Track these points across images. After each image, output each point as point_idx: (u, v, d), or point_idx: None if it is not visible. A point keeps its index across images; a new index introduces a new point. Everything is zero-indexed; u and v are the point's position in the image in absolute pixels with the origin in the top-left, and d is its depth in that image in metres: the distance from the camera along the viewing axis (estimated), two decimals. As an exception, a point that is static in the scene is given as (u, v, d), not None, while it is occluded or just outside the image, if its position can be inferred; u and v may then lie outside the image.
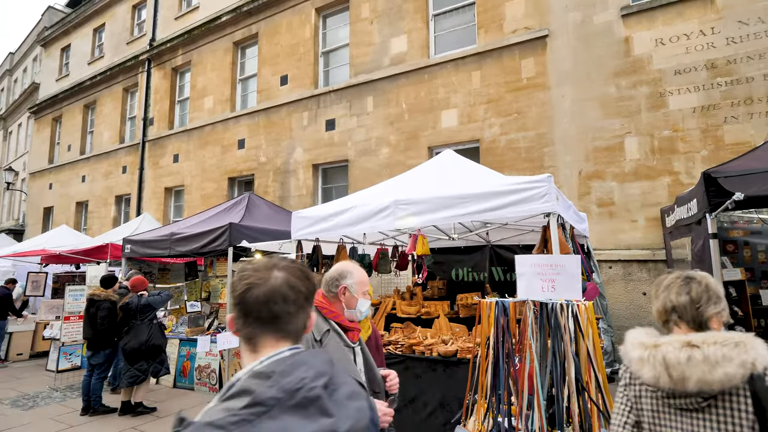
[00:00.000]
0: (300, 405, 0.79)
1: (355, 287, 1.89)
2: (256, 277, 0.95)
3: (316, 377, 0.84)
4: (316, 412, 0.79)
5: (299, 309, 0.97)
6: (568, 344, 1.63)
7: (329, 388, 0.84)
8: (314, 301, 1.43)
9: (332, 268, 1.97)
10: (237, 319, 0.95)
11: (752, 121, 5.64)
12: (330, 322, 1.84)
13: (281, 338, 0.94)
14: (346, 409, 0.83)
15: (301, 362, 0.87)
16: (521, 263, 2.06)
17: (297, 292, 0.96)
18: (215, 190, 10.65)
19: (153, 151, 12.33)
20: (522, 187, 3.39)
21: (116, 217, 13.22)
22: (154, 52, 12.66)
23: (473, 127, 7.46)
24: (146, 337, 5.00)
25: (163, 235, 6.37)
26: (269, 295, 0.93)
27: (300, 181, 9.30)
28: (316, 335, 1.75)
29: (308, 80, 9.49)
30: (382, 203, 4.10)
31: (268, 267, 0.97)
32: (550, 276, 1.90)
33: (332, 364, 0.91)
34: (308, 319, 1.01)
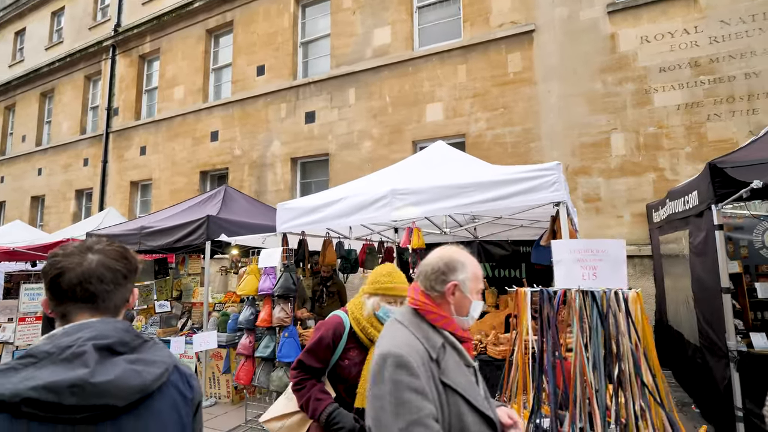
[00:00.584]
0: (67, 359, 0.89)
1: (468, 284, 1.34)
2: (67, 262, 0.99)
3: (92, 338, 0.93)
4: (79, 364, 0.88)
5: (117, 286, 1.03)
6: (627, 337, 1.46)
7: (115, 348, 0.94)
8: (414, 301, 1.33)
9: (433, 255, 1.41)
10: (51, 300, 1.00)
11: (734, 119, 5.76)
12: (443, 333, 1.31)
13: (97, 314, 1.00)
14: (117, 366, 0.92)
15: (87, 326, 0.96)
16: (559, 249, 1.89)
17: (114, 272, 1.02)
18: (186, 185, 10.09)
19: (118, 142, 11.59)
20: (530, 176, 3.25)
21: (76, 212, 12.35)
22: (120, 38, 11.91)
23: (459, 121, 7.34)
24: None
25: (131, 229, 5.89)
26: (83, 277, 0.98)
27: (278, 175, 8.92)
28: (431, 353, 1.22)
29: (287, 71, 9.12)
30: (377, 193, 3.87)
31: (81, 251, 1.02)
32: (591, 262, 1.73)
33: (126, 331, 0.99)
34: (130, 294, 1.09)
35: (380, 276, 2.00)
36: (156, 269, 7.61)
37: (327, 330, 1.96)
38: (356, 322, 1.97)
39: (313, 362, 1.93)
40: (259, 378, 4.07)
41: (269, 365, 4.10)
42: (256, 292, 4.32)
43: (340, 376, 1.94)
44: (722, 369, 3.32)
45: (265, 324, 4.10)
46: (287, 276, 4.10)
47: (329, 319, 2.04)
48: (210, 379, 5.18)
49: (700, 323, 3.76)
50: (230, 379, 5.13)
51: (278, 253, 4.19)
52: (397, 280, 1.99)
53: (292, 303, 4.18)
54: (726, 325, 3.20)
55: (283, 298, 4.10)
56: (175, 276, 7.58)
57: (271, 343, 4.08)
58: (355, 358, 1.94)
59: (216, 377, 5.18)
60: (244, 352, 4.26)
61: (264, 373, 4.07)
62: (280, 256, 4.19)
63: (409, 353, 1.18)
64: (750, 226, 5.36)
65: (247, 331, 4.36)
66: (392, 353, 1.18)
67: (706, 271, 3.58)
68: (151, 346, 1.03)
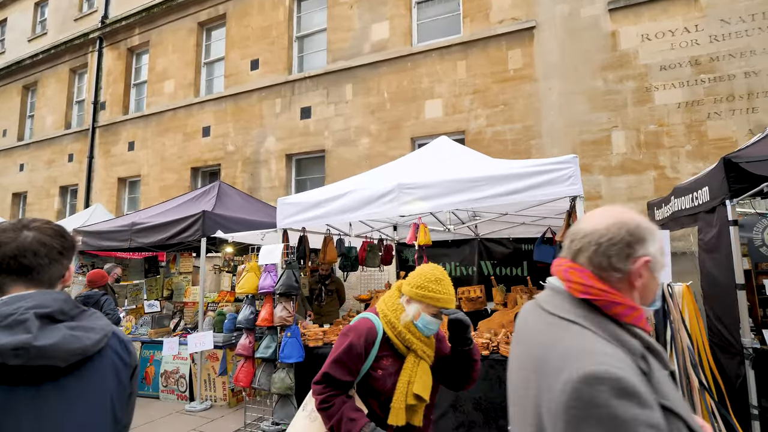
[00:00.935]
0: (9, 325, 0.94)
1: (658, 260, 0.94)
2: (3, 237, 1.04)
3: (33, 307, 0.99)
4: (22, 330, 0.94)
5: (53, 261, 1.09)
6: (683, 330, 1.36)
7: (55, 316, 1.01)
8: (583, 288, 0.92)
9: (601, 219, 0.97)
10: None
11: (734, 118, 5.78)
12: (636, 332, 0.91)
13: (32, 286, 1.06)
14: (58, 332, 0.98)
15: (27, 297, 1.02)
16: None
17: (49, 248, 1.08)
18: (176, 181, 9.82)
19: (105, 137, 11.24)
20: (545, 169, 3.16)
21: (60, 209, 11.95)
22: (107, 30, 11.56)
23: (458, 118, 7.25)
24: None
25: (122, 226, 5.66)
26: (17, 251, 1.04)
27: (272, 171, 8.73)
28: (639, 365, 0.84)
29: (282, 65, 8.93)
30: (384, 187, 3.75)
31: (17, 228, 1.07)
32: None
33: (65, 301, 1.05)
34: (66, 271, 1.13)
35: (428, 282, 1.71)
36: (146, 268, 7.38)
37: (358, 336, 1.70)
38: (390, 327, 1.72)
39: (342, 375, 1.66)
40: (259, 380, 3.92)
41: (270, 366, 3.94)
42: (256, 291, 4.16)
43: (372, 388, 1.69)
44: (736, 367, 3.27)
45: (266, 323, 3.95)
46: (289, 273, 3.95)
47: (358, 323, 1.78)
48: (206, 381, 4.99)
49: (711, 320, 3.71)
50: (227, 381, 4.95)
51: (279, 250, 4.04)
52: (448, 290, 1.73)
53: (294, 302, 4.03)
54: (741, 322, 3.15)
55: (285, 297, 3.95)
56: (165, 275, 7.36)
57: (272, 344, 3.92)
58: (390, 367, 1.69)
59: (212, 379, 5.00)
60: (243, 353, 4.10)
61: (265, 375, 3.91)
62: (281, 252, 4.04)
63: (628, 372, 0.78)
64: (750, 224, 5.37)
65: (247, 331, 4.19)
66: (607, 375, 0.76)
67: (717, 267, 3.54)
68: (90, 314, 1.10)
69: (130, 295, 6.81)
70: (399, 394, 1.62)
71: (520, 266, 5.94)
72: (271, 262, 4.06)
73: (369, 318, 1.78)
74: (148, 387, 5.37)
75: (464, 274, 6.20)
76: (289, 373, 3.79)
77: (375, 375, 1.68)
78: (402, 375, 1.66)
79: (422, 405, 1.66)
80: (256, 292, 4.17)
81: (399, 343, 1.70)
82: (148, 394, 5.34)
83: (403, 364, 1.69)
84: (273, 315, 3.95)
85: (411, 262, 6.61)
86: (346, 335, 1.74)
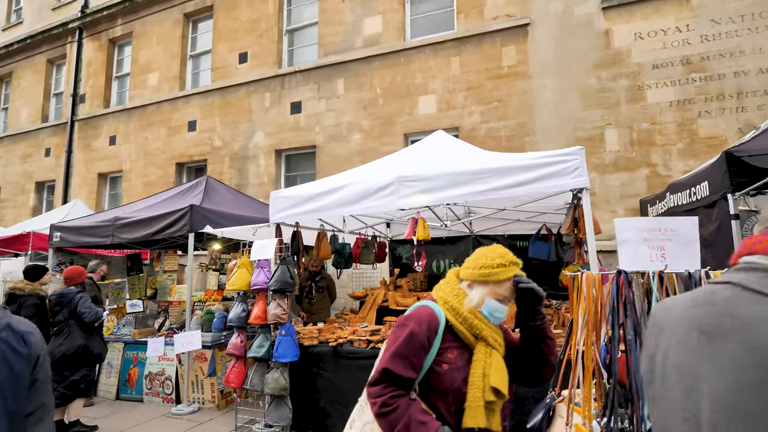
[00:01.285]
0: None
1: None
2: None
3: None
4: None
5: None
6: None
7: None
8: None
9: None
10: None
11: (724, 116, 5.85)
12: None
13: None
14: None
15: None
16: (623, 228, 1.71)
17: None
18: (160, 177, 9.51)
19: (84, 131, 10.83)
20: (551, 161, 3.09)
21: (36, 206, 11.47)
22: (88, 20, 11.15)
23: (452, 114, 7.19)
24: (84, 341, 4.03)
25: (104, 221, 5.40)
26: None
27: (261, 167, 8.52)
28: None
29: (271, 59, 8.73)
30: (383, 180, 3.63)
31: None
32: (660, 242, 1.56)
33: None
34: None
35: (491, 260, 1.49)
36: (128, 265, 7.11)
37: (419, 324, 1.44)
38: (453, 313, 1.48)
39: (404, 370, 1.38)
40: (251, 380, 3.75)
41: (263, 366, 3.78)
42: (248, 287, 3.99)
43: (437, 387, 1.42)
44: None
45: (259, 321, 3.79)
46: (284, 269, 3.80)
47: (416, 311, 1.52)
48: (193, 383, 4.79)
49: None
50: (216, 382, 4.75)
51: (273, 245, 3.88)
52: (518, 265, 1.53)
53: (288, 298, 3.88)
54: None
55: (279, 293, 3.79)
56: (149, 273, 7.10)
57: (265, 342, 3.76)
58: (456, 360, 1.43)
59: (200, 381, 4.80)
60: (234, 353, 3.92)
61: (257, 375, 3.75)
62: (274, 247, 3.88)
63: None
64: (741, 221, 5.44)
65: (238, 330, 4.02)
66: None
67: (717, 261, 3.52)
68: None
69: (111, 294, 6.52)
70: (474, 390, 1.37)
71: (514, 263, 5.89)
72: (264, 258, 3.90)
73: (427, 305, 1.53)
74: (131, 390, 5.13)
75: (458, 272, 6.12)
76: (284, 372, 3.64)
77: (440, 371, 1.42)
78: (474, 367, 1.42)
79: (500, 403, 1.44)
80: (248, 288, 4.00)
81: (465, 332, 1.46)
82: (131, 397, 5.10)
83: (472, 355, 1.45)
84: (266, 312, 3.80)
85: (404, 260, 6.52)
86: (404, 325, 1.48)
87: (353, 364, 3.63)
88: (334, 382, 3.68)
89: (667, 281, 1.54)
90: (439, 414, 1.39)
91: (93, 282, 5.00)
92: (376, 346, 3.56)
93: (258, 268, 3.94)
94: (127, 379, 5.17)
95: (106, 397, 5.20)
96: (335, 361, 3.70)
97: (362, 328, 3.77)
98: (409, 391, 1.41)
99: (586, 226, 2.99)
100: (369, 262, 5.52)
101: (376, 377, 1.43)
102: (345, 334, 3.81)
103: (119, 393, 5.16)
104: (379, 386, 1.40)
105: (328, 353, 3.74)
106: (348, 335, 3.76)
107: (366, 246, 5.50)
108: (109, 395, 5.19)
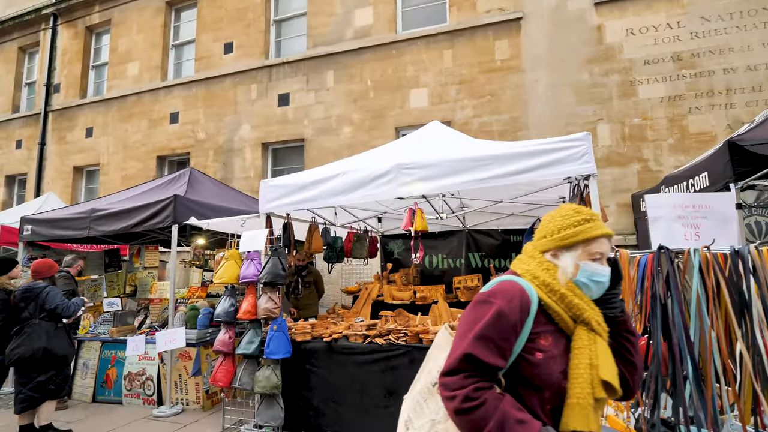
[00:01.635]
0: None
1: None
2: None
3: None
4: None
5: None
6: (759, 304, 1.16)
7: None
8: None
9: None
10: None
11: (713, 113, 5.90)
12: None
13: None
14: None
15: None
16: (655, 205, 1.61)
17: None
18: (140, 171, 9.14)
19: (59, 123, 10.34)
20: (557, 147, 2.99)
21: (6, 201, 10.91)
22: (63, 6, 10.65)
23: (444, 108, 7.09)
24: (44, 342, 3.60)
25: (80, 212, 5.10)
26: None
27: (246, 161, 8.26)
28: None
29: (258, 49, 8.48)
30: (381, 168, 3.49)
31: None
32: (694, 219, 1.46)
33: None
34: None
35: (570, 219, 1.24)
36: (106, 261, 6.76)
37: (508, 301, 1.16)
38: (547, 290, 1.20)
39: (491, 356, 1.12)
40: (240, 379, 3.55)
41: (253, 363, 3.59)
42: (236, 280, 3.78)
43: (529, 381, 1.16)
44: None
45: (248, 316, 3.58)
46: (275, 261, 3.61)
47: (502, 285, 1.22)
48: (176, 383, 4.53)
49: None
50: (200, 382, 4.52)
51: (263, 235, 3.68)
52: (599, 217, 1.26)
53: (280, 292, 3.69)
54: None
55: (271, 286, 3.60)
56: (128, 269, 6.77)
57: (255, 338, 3.56)
58: (552, 348, 1.17)
59: (183, 380, 4.55)
60: (222, 350, 3.71)
61: (247, 373, 3.55)
62: (265, 238, 3.69)
63: None
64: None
65: (226, 326, 3.80)
66: None
67: (717, 254, 3.51)
68: None
69: (87, 292, 6.18)
70: (581, 385, 1.12)
71: (508, 258, 5.82)
72: (255, 249, 3.70)
73: (514, 280, 1.23)
74: (109, 391, 4.84)
75: (452, 267, 6.02)
76: (275, 370, 3.45)
77: (533, 360, 1.16)
78: (577, 356, 1.15)
79: (606, 401, 1.19)
80: (236, 282, 3.79)
81: (563, 313, 1.19)
82: (108, 399, 4.81)
83: (571, 343, 1.19)
84: (257, 307, 3.60)
85: (396, 255, 6.38)
86: (487, 302, 1.19)
87: (349, 360, 3.47)
88: (329, 380, 3.51)
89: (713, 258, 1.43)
90: (533, 413, 1.13)
91: (70, 276, 4.70)
92: (373, 341, 3.41)
93: (248, 260, 3.74)
94: (105, 380, 4.87)
95: (82, 399, 4.89)
96: (330, 357, 3.53)
97: (358, 322, 3.61)
98: (494, 383, 1.15)
99: (594, 214, 2.90)
100: (361, 256, 5.36)
101: (455, 365, 1.14)
102: (340, 329, 3.65)
103: (96, 395, 4.86)
104: (458, 375, 1.13)
105: (322, 349, 3.56)
106: (343, 330, 3.60)
107: (358, 240, 5.33)
108: (84, 397, 4.88)
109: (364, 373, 3.39)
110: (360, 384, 3.40)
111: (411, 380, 1.42)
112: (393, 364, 3.30)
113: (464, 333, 1.17)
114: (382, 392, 3.32)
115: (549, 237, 1.28)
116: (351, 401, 3.41)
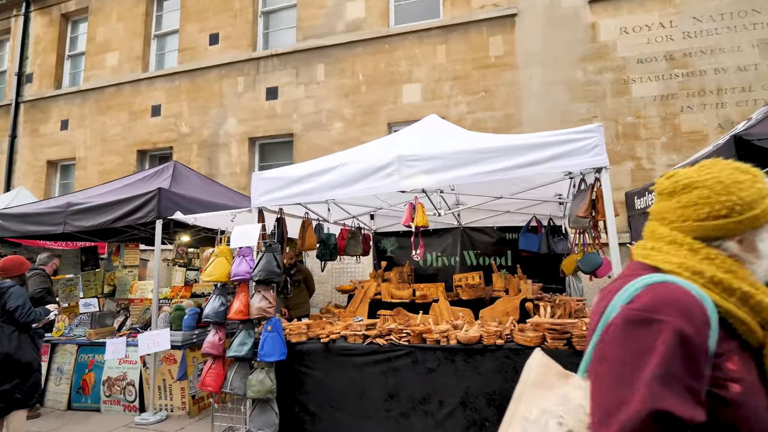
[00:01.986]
0: None
1: None
2: None
3: None
4: None
5: None
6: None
7: None
8: None
9: None
10: None
11: (705, 112, 5.94)
12: None
13: None
14: None
15: None
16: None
17: None
18: (119, 165, 8.75)
19: (31, 114, 9.83)
20: (567, 138, 2.89)
21: (-27, 196, 10.30)
22: (36, -8, 10.15)
23: (438, 104, 6.97)
24: (6, 348, 3.28)
25: (55, 207, 4.77)
26: None
27: (233, 156, 7.99)
28: None
29: (245, 41, 8.21)
30: (382, 160, 3.33)
31: None
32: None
33: None
34: None
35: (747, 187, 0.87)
36: (83, 260, 6.40)
37: (687, 315, 0.79)
38: (720, 290, 0.85)
39: (689, 407, 0.73)
40: (232, 383, 3.33)
41: (245, 366, 3.38)
42: (227, 278, 3.56)
43: (728, 428, 0.78)
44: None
45: (240, 316, 3.37)
46: (269, 257, 3.41)
47: (663, 291, 0.83)
48: (160, 388, 4.27)
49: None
50: (186, 386, 4.27)
51: (256, 230, 3.48)
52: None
53: (274, 290, 3.49)
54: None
55: (264, 284, 3.40)
56: (107, 268, 6.42)
57: (248, 340, 3.36)
58: (744, 374, 0.80)
59: (167, 385, 4.29)
60: (212, 352, 3.48)
61: (239, 377, 3.34)
62: (258, 233, 3.48)
63: None
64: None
65: (216, 327, 3.58)
66: None
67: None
68: None
69: (63, 292, 5.83)
70: None
71: (504, 256, 5.73)
72: (247, 245, 3.49)
73: (678, 284, 0.84)
74: (86, 398, 4.53)
75: (446, 265, 5.90)
76: (269, 373, 3.25)
77: (728, 396, 0.78)
78: None
79: None
80: (227, 279, 3.57)
81: (750, 321, 0.83)
82: (86, 407, 4.50)
83: (758, 360, 0.84)
84: (249, 306, 3.39)
85: (389, 253, 6.22)
86: (654, 321, 0.79)
87: (347, 361, 3.29)
88: (326, 383, 3.33)
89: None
90: None
91: (45, 274, 4.38)
92: (373, 342, 3.24)
93: (239, 256, 3.52)
94: (81, 386, 4.56)
95: (56, 407, 4.57)
96: (327, 359, 3.35)
97: (357, 322, 3.44)
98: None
99: (606, 208, 2.81)
100: (356, 253, 5.19)
101: (634, 427, 0.72)
102: (338, 329, 3.47)
103: (71, 402, 4.55)
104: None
105: (318, 350, 3.38)
106: (341, 330, 3.42)
107: (353, 237, 5.16)
108: (59, 405, 4.57)
109: (363, 375, 3.22)
110: (359, 387, 3.23)
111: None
112: (395, 366, 3.15)
113: (627, 374, 0.77)
114: (383, 395, 3.16)
115: (733, 217, 0.87)
116: (350, 405, 3.24)
